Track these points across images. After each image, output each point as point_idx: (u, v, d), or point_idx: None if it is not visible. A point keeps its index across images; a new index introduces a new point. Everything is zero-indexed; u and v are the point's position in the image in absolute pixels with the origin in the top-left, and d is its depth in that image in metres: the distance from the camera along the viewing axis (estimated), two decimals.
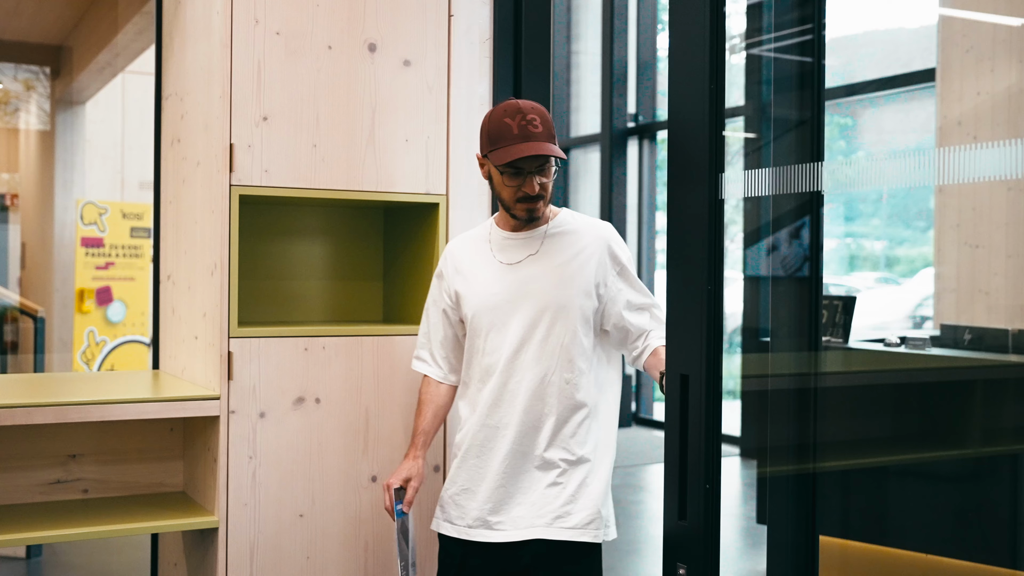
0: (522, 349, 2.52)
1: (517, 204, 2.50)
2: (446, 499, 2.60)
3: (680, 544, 2.34)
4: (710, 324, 2.30)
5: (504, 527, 2.52)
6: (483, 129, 2.52)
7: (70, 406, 2.59)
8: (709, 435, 2.30)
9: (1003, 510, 2.46)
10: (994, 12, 3.11)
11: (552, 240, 2.58)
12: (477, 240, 2.64)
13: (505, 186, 2.50)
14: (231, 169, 2.71)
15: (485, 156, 2.52)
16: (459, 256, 2.63)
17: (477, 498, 2.53)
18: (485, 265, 2.59)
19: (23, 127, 7.94)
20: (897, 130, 4.92)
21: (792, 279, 2.77)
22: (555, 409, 2.51)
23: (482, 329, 2.55)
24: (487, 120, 2.52)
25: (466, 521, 2.54)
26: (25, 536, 2.62)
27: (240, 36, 2.72)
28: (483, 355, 2.55)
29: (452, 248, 2.67)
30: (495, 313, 2.54)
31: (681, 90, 2.36)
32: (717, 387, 2.30)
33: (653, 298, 2.62)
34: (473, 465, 2.56)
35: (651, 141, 9.21)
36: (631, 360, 2.64)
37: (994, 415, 2.55)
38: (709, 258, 2.30)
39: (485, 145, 2.51)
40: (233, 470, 2.71)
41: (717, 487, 2.32)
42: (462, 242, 2.67)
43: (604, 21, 9.25)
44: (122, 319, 7.03)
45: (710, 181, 2.30)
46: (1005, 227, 2.89)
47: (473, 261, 2.60)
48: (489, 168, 2.53)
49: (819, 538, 2.65)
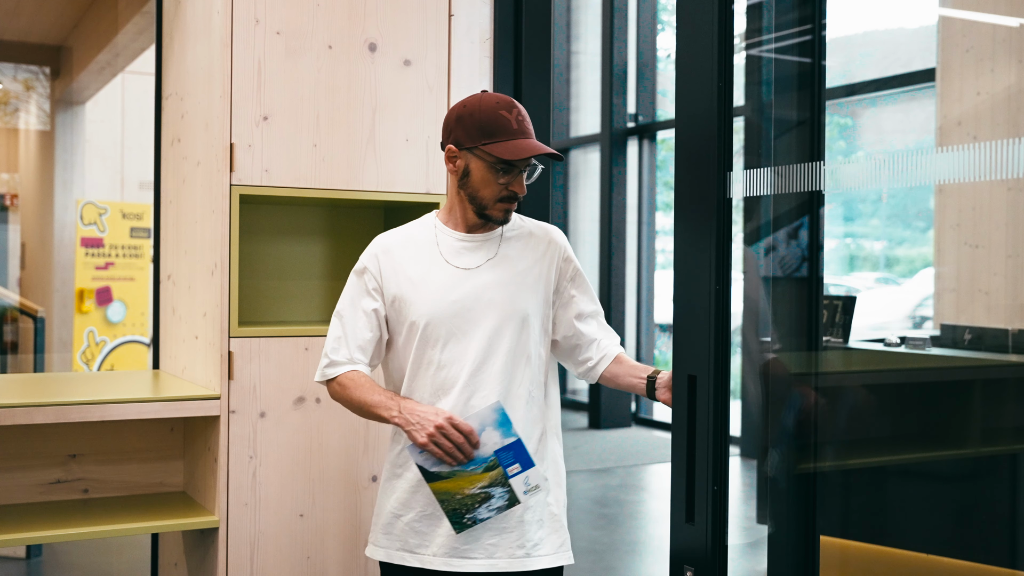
0: (487, 362, 2.30)
1: (497, 204, 2.33)
2: (400, 526, 2.33)
3: (687, 547, 2.32)
4: (718, 324, 2.28)
5: (477, 555, 2.30)
6: (468, 119, 2.32)
7: (70, 406, 2.59)
8: (717, 436, 2.28)
9: (1003, 510, 2.46)
10: (994, 12, 3.11)
11: (509, 244, 2.40)
12: (418, 241, 2.39)
13: (490, 183, 2.31)
14: (231, 169, 2.71)
15: (469, 149, 2.31)
16: (397, 257, 2.37)
17: (443, 524, 2.29)
18: (435, 268, 2.35)
19: (23, 127, 7.94)
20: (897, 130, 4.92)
21: (792, 279, 2.77)
22: (521, 426, 2.31)
23: (437, 339, 2.31)
24: (475, 110, 2.32)
25: (431, 550, 2.30)
26: (25, 536, 2.62)
27: (240, 36, 2.72)
28: (437, 368, 2.31)
29: (385, 246, 2.39)
30: (454, 322, 2.31)
31: (689, 88, 2.35)
32: (725, 388, 2.29)
33: (599, 305, 2.49)
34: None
35: (651, 141, 9.21)
36: (581, 372, 2.48)
37: (994, 415, 2.55)
38: (717, 258, 2.28)
39: (474, 136, 2.30)
40: (233, 470, 2.71)
41: (725, 489, 2.30)
42: (398, 242, 2.40)
43: (604, 21, 9.26)
44: (122, 319, 7.03)
45: (718, 180, 2.29)
46: (1005, 227, 2.89)
47: (419, 263, 2.36)
48: (468, 162, 2.32)
49: (819, 538, 2.65)
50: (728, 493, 2.31)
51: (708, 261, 2.29)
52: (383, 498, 2.39)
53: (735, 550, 5.22)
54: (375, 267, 2.37)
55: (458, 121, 2.34)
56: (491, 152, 2.29)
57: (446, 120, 2.38)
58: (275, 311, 3.13)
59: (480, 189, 2.33)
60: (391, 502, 2.36)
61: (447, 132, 2.36)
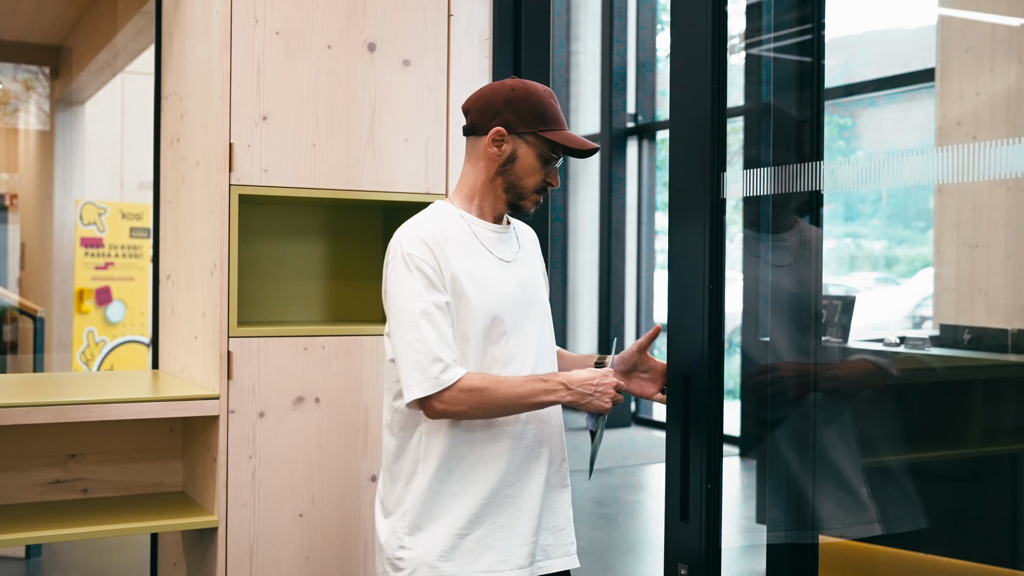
0: (541, 356, 2.25)
1: (533, 195, 2.24)
2: (468, 546, 2.16)
3: (681, 545, 2.33)
4: (712, 324, 2.29)
5: (540, 557, 2.24)
6: (521, 103, 2.19)
7: (70, 406, 2.59)
8: (711, 435, 2.29)
9: (1002, 510, 2.46)
10: (993, 12, 3.11)
11: (522, 238, 2.35)
12: (454, 231, 2.21)
13: (535, 172, 2.21)
14: (231, 169, 2.71)
15: (520, 134, 2.19)
16: (446, 248, 2.18)
17: (517, 530, 2.19)
18: (483, 261, 2.21)
19: (22, 127, 7.94)
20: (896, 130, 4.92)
21: (791, 279, 2.77)
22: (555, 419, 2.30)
23: (500, 335, 2.19)
24: (527, 95, 2.20)
25: (512, 562, 2.18)
26: (24, 536, 2.62)
27: (239, 36, 2.72)
28: (502, 365, 2.19)
29: (431, 236, 2.18)
30: (512, 316, 2.20)
31: (683, 89, 2.36)
32: (719, 387, 2.30)
33: None
34: (508, 496, 2.19)
35: (651, 141, 9.21)
36: None
37: (993, 415, 2.55)
38: (710, 258, 2.29)
39: (528, 122, 2.18)
40: (233, 470, 2.71)
41: (719, 487, 2.31)
42: (438, 232, 2.19)
43: (604, 21, 9.26)
44: (121, 319, 7.03)
45: (712, 180, 2.30)
46: (1004, 227, 2.88)
47: (467, 255, 2.20)
48: (516, 148, 2.20)
49: (819, 538, 2.65)
50: (722, 491, 2.32)
51: (702, 261, 2.30)
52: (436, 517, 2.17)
53: (734, 550, 5.22)
54: (431, 259, 2.15)
55: (507, 104, 2.20)
56: (552, 139, 2.20)
57: (486, 101, 2.23)
58: (274, 311, 3.13)
59: (524, 177, 2.22)
60: (451, 520, 2.16)
61: (491, 113, 2.21)
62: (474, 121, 2.24)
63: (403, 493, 2.21)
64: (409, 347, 2.11)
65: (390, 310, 2.18)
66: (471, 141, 2.27)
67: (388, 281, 2.19)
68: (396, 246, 2.18)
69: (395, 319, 2.15)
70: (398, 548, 2.18)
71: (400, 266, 2.15)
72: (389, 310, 2.19)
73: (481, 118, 2.23)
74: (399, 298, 2.14)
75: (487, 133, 2.21)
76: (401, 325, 2.13)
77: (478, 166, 2.25)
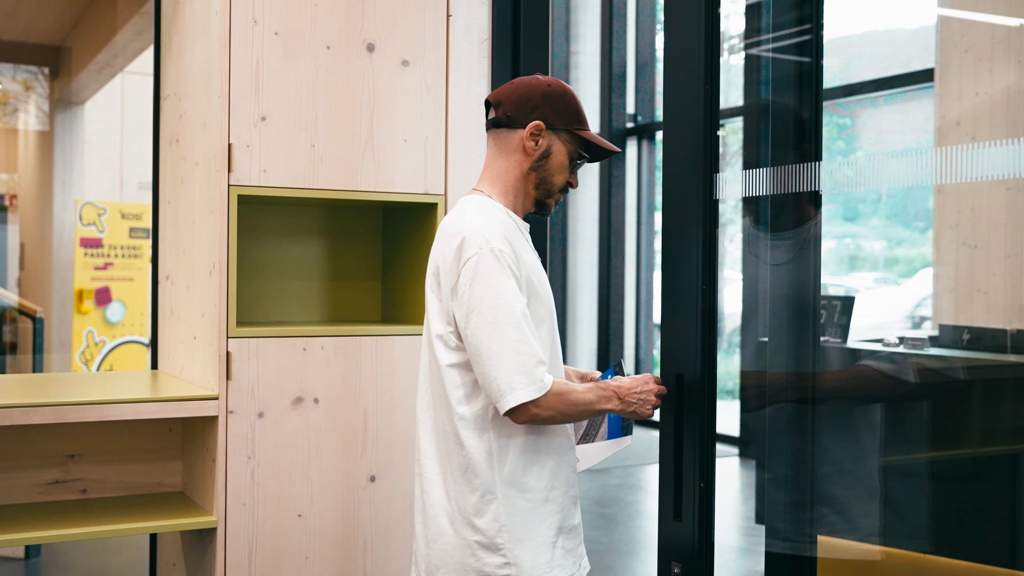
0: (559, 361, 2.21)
1: (558, 193, 2.19)
2: (559, 553, 2.12)
3: (675, 543, 2.34)
4: (704, 324, 2.30)
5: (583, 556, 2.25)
6: (559, 100, 2.15)
7: (69, 406, 2.59)
8: (704, 434, 2.30)
9: (1001, 510, 2.46)
10: (993, 12, 3.11)
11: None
12: (509, 227, 2.14)
13: (564, 170, 2.17)
14: (229, 169, 2.71)
15: (556, 130, 2.16)
16: (516, 245, 2.10)
17: (580, 533, 2.20)
18: (535, 259, 2.19)
19: (22, 127, 7.94)
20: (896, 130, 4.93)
21: (790, 279, 2.77)
22: None
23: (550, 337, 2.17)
24: (563, 92, 2.17)
25: (582, 563, 2.20)
26: (24, 536, 2.62)
27: (238, 36, 2.72)
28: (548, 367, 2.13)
29: (505, 232, 2.09)
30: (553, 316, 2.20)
31: (676, 91, 2.37)
32: (712, 386, 2.31)
33: None
34: (572, 499, 2.18)
35: (650, 141, 9.21)
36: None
37: (992, 415, 2.55)
38: (704, 258, 2.30)
39: (565, 119, 2.15)
40: (232, 470, 2.71)
41: (712, 485, 2.32)
42: (502, 226, 2.11)
43: (603, 21, 9.26)
44: (121, 319, 7.03)
45: (704, 181, 2.31)
46: (1004, 227, 2.88)
47: (528, 252, 2.16)
48: (551, 144, 2.16)
49: (817, 538, 2.65)
50: (715, 490, 2.33)
51: (695, 261, 2.31)
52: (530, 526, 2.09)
53: (733, 550, 5.22)
54: (515, 259, 2.07)
55: (545, 98, 2.15)
56: (587, 139, 2.18)
57: (522, 94, 2.16)
58: (273, 311, 3.13)
59: (555, 175, 2.17)
60: (544, 529, 2.10)
61: (529, 107, 2.15)
62: (509, 113, 2.16)
63: (483, 504, 2.07)
64: (512, 348, 2.00)
65: (477, 308, 2.02)
66: (501, 134, 2.18)
67: (475, 277, 2.03)
68: (480, 242, 2.04)
69: (487, 318, 2.01)
70: (502, 565, 2.06)
71: (492, 263, 2.03)
72: (475, 308, 2.02)
73: (518, 111, 2.15)
74: (496, 297, 2.01)
75: (524, 126, 2.15)
76: (499, 325, 2.01)
77: (511, 160, 2.17)
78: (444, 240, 2.11)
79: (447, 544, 2.09)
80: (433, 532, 2.12)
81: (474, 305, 2.03)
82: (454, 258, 2.06)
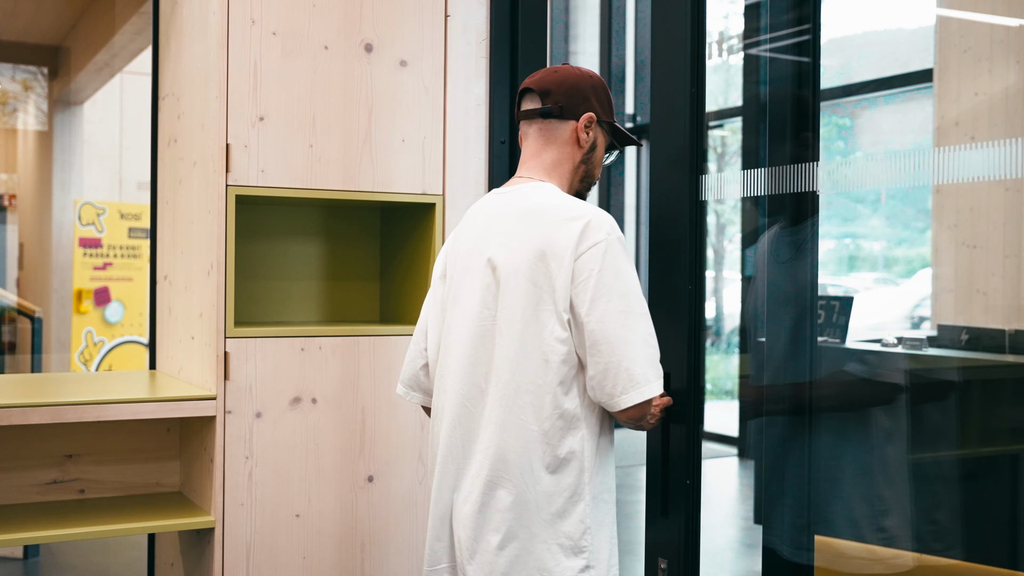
0: None
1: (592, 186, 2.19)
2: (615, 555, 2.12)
3: (661, 539, 2.35)
4: (691, 323, 2.31)
5: None
6: (602, 93, 2.14)
7: (67, 406, 2.59)
8: (690, 432, 2.31)
9: (1001, 510, 2.46)
10: (992, 13, 3.11)
11: None
12: None
13: (600, 164, 2.17)
14: (227, 169, 2.71)
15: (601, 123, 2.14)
16: None
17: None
18: None
19: (21, 127, 7.93)
20: (895, 130, 4.92)
21: (790, 279, 2.77)
22: None
23: None
24: (602, 85, 2.15)
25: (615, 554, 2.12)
26: (22, 536, 2.62)
27: (236, 36, 2.72)
28: None
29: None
30: None
31: (662, 94, 2.38)
32: (699, 384, 2.32)
33: None
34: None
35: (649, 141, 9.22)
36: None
37: (991, 415, 2.55)
38: (690, 258, 2.31)
39: (608, 112, 2.14)
40: (229, 470, 2.71)
41: (698, 483, 2.33)
42: None
43: (602, 21, 9.26)
44: (120, 319, 7.02)
45: (691, 182, 2.32)
46: (1003, 227, 2.88)
47: None
48: (597, 137, 2.14)
49: (815, 538, 2.65)
50: (701, 487, 2.34)
51: (682, 262, 2.32)
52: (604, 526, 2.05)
53: (732, 550, 5.21)
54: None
55: (593, 90, 2.12)
56: (623, 131, 2.16)
57: (572, 84, 2.11)
58: (271, 312, 3.13)
59: (597, 167, 2.16)
60: (612, 527, 2.07)
61: (580, 98, 2.11)
62: (561, 104, 2.10)
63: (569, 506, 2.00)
64: (644, 340, 1.94)
65: (606, 295, 1.94)
66: (550, 124, 2.12)
67: (604, 263, 1.95)
68: (607, 227, 1.97)
69: (619, 306, 1.94)
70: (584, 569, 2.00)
71: (620, 250, 1.97)
72: (604, 295, 1.94)
73: (570, 101, 2.10)
74: (627, 285, 1.95)
75: (578, 118, 2.11)
76: (633, 314, 1.94)
77: (563, 151, 2.12)
78: (555, 224, 1.99)
79: (520, 548, 1.99)
80: (503, 537, 1.99)
81: (602, 291, 1.94)
82: (576, 241, 1.96)
